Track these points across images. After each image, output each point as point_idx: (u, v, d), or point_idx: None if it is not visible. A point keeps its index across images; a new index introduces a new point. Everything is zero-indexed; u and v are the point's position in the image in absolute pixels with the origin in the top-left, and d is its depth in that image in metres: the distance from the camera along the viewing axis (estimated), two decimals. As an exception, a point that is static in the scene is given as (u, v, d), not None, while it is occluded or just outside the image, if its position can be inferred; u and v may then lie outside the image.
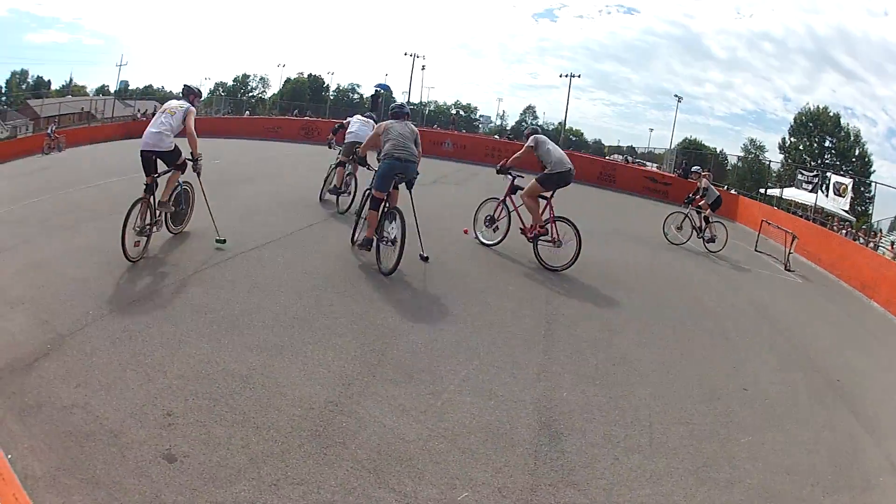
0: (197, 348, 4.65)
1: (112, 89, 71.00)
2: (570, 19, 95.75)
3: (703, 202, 12.82)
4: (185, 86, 7.69)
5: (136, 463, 3.23)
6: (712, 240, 12.66)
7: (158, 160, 7.14)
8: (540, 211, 8.28)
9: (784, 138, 53.03)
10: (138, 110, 45.64)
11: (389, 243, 6.90)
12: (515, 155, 8.64)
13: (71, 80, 75.20)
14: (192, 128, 7.09)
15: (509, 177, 8.64)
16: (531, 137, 8.50)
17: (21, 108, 58.87)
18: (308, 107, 57.33)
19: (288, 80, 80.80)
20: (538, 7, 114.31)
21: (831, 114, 51.60)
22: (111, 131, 35.38)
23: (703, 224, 12.70)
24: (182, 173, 7.53)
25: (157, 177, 7.14)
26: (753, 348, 6.65)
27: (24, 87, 71.95)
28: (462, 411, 4.00)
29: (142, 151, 7.03)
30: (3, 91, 68.05)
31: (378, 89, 33.36)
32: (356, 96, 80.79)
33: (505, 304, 6.37)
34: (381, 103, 34.73)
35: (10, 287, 6.16)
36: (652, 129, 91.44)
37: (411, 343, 5.04)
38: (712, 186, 13.18)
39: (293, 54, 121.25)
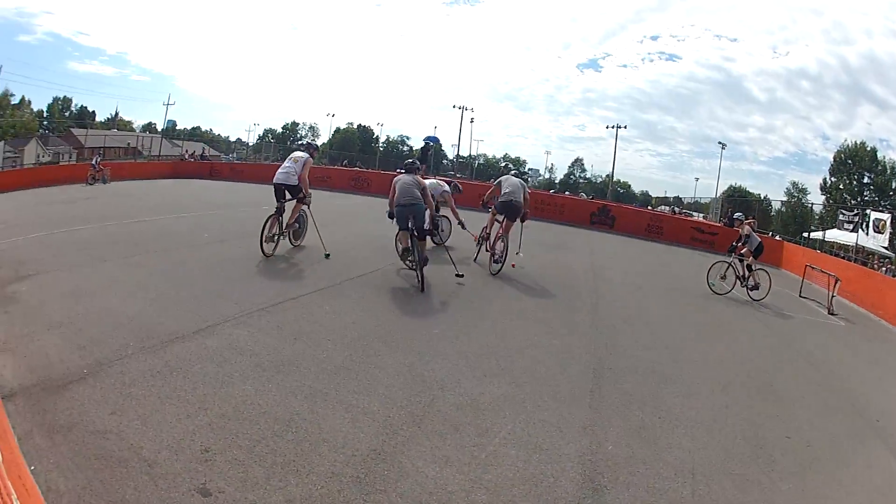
0: (240, 389, 4.82)
1: (159, 127, 76.64)
2: (614, 69, 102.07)
3: (745, 250, 13.14)
4: (308, 142, 12.47)
5: (169, 493, 3.31)
6: (755, 287, 12.97)
7: (286, 191, 10.65)
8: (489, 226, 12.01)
9: (825, 178, 55.48)
10: (186, 151, 48.20)
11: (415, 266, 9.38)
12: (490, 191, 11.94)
13: (117, 113, 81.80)
14: (306, 175, 10.71)
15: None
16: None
17: (64, 136, 63.84)
18: (358, 157, 59.44)
19: (337, 130, 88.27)
20: (582, 57, 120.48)
21: (868, 148, 53.92)
22: (158, 169, 37.88)
23: (746, 272, 13.01)
24: (302, 204, 11.09)
25: (284, 202, 10.72)
26: (796, 395, 6.92)
27: (67, 114, 78.15)
28: (506, 464, 4.10)
29: (274, 184, 10.61)
30: (44, 116, 73.86)
31: (428, 142, 35.07)
32: (405, 148, 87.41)
33: (552, 359, 6.64)
34: (430, 155, 36.21)
35: (48, 309, 6.57)
36: (697, 179, 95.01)
37: (458, 395, 5.22)
38: (754, 234, 13.54)
39: (343, 104, 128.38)
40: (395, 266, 10.75)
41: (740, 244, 13.33)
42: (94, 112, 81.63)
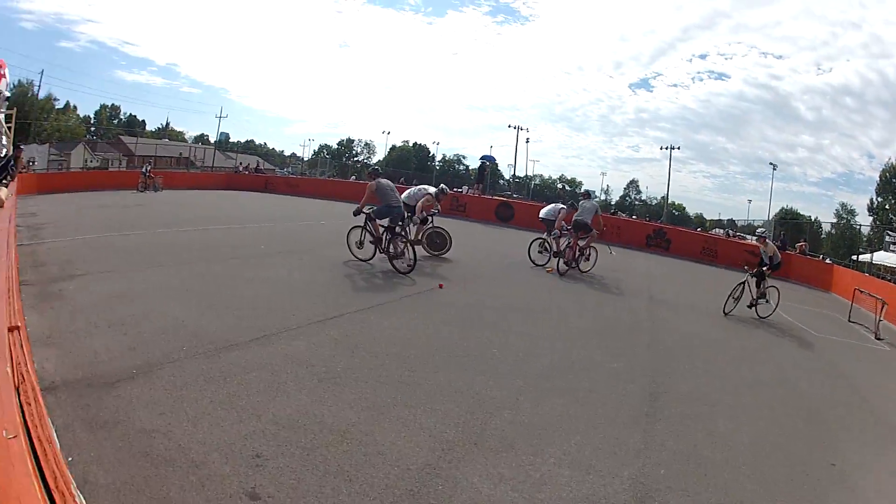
0: (295, 399, 5.08)
1: (212, 139, 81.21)
2: (665, 89, 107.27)
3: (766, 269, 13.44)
4: (441, 186, 15.36)
5: (216, 494, 3.50)
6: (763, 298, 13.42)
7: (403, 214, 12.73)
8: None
9: (871, 199, 56.13)
10: (240, 163, 50.81)
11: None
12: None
13: (168, 123, 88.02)
14: (422, 206, 13.94)
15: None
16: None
17: (113, 142, 67.93)
18: (414, 175, 61.49)
19: (393, 148, 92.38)
20: (634, 77, 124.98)
21: (913, 165, 53.84)
22: (212, 180, 40.22)
23: (758, 290, 13.31)
24: (425, 224, 14.08)
25: (404, 223, 12.96)
26: (841, 421, 7.14)
27: (115, 122, 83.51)
28: (560, 483, 4.31)
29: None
30: (91, 122, 79.04)
31: (484, 161, 36.03)
32: (461, 167, 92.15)
33: (609, 380, 6.97)
34: (487, 175, 36.90)
35: (98, 309, 7.10)
36: (750, 201, 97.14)
37: (515, 415, 5.48)
38: (779, 253, 14.03)
39: (398, 122, 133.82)
40: (455, 283, 11.27)
41: (766, 267, 13.54)
42: (143, 121, 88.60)
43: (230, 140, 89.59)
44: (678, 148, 62.66)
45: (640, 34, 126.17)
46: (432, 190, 14.97)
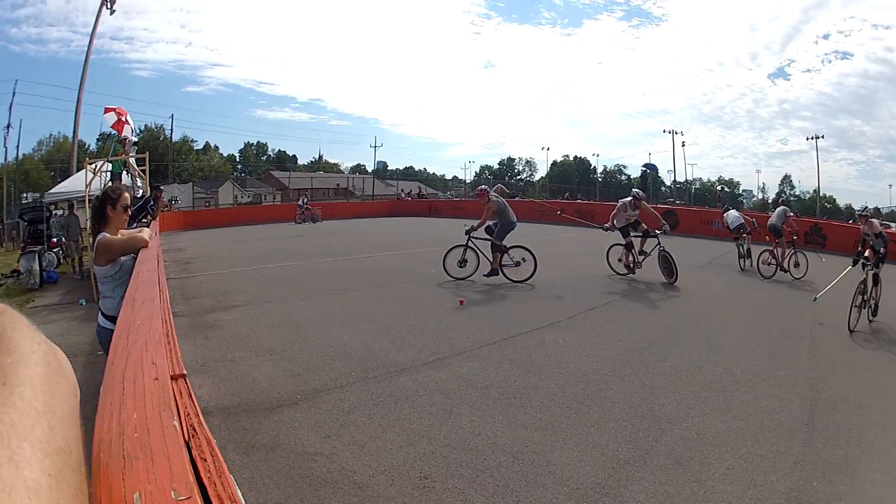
0: (468, 420, 5.12)
1: (368, 168, 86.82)
2: (800, 75, 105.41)
3: (868, 252, 10.98)
4: (634, 192, 13.47)
5: (380, 516, 3.54)
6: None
7: None
8: None
9: None
10: (402, 190, 53.08)
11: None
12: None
13: (321, 156, 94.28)
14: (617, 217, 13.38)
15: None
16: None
17: (263, 177, 73.64)
18: (578, 189, 61.71)
19: (555, 164, 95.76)
20: (770, 66, 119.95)
21: None
22: (374, 208, 43.02)
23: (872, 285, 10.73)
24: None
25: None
26: None
27: (264, 158, 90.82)
28: (722, 500, 4.32)
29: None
30: (237, 160, 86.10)
31: (645, 169, 35.79)
32: (623, 177, 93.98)
33: (774, 391, 6.84)
34: (649, 183, 37.28)
35: (259, 338, 7.60)
36: (891, 185, 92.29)
37: (685, 430, 5.49)
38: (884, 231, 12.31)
39: (555, 137, 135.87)
40: (626, 298, 11.03)
41: (867, 247, 11.16)
42: (294, 156, 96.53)
43: (388, 168, 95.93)
44: (822, 137, 60.97)
45: (766, 21, 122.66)
46: (625, 199, 14.04)
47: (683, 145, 75.42)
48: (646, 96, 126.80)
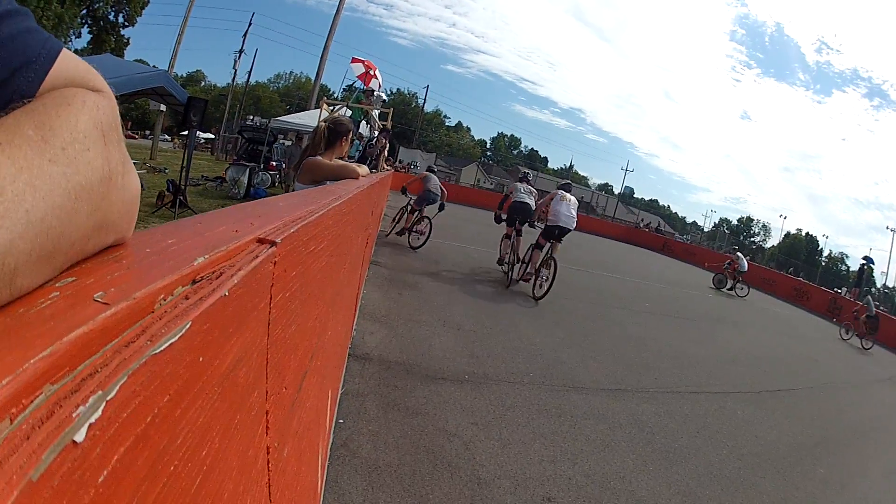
0: (619, 459, 4.65)
1: (615, 189, 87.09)
2: None
3: None
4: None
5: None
6: None
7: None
8: None
9: None
10: (641, 220, 52.32)
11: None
12: None
13: (571, 165, 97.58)
14: None
15: None
16: None
17: (510, 170, 75.67)
18: (802, 268, 58.41)
19: (787, 235, 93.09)
20: None
21: None
22: (611, 230, 43.39)
23: None
24: None
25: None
26: None
27: (515, 152, 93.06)
28: None
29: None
30: (487, 146, 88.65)
31: (864, 263, 33.95)
32: (843, 266, 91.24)
33: None
34: (865, 278, 35.35)
35: (453, 311, 7.60)
36: None
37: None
38: None
39: (794, 206, 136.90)
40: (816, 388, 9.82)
41: None
42: (546, 158, 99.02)
43: (634, 195, 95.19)
44: None
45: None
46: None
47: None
48: (877, 186, 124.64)
